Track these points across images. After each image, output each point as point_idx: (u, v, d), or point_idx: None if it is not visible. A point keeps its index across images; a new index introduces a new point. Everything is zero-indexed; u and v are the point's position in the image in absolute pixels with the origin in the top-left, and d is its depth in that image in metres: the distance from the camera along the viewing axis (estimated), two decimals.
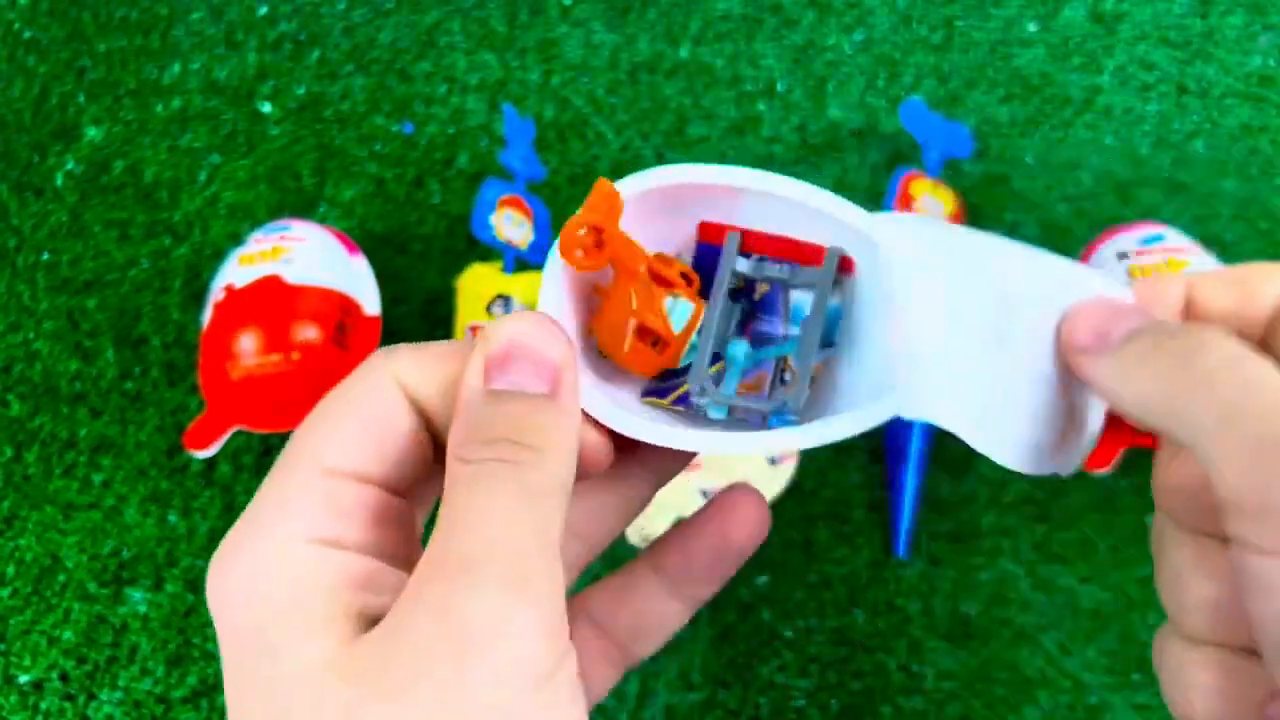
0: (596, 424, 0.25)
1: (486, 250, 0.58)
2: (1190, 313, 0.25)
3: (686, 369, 0.29)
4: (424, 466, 0.24)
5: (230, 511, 0.52)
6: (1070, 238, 0.57)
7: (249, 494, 0.55)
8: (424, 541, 0.22)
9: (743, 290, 0.29)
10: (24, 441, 0.55)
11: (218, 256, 0.59)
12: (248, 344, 0.49)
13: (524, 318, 0.23)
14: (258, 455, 0.54)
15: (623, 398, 0.29)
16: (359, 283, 0.53)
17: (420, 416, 0.24)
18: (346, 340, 0.51)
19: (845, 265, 0.28)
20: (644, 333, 0.28)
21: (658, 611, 0.28)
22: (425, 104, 0.64)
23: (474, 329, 0.52)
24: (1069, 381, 0.25)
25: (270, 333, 0.49)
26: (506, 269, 0.54)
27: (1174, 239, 0.49)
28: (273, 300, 0.50)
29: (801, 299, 0.29)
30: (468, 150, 0.62)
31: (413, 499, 0.24)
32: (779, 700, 0.46)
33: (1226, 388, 0.20)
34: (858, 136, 0.61)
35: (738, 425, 0.28)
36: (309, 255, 0.52)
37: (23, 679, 0.49)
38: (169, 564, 0.51)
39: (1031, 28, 0.64)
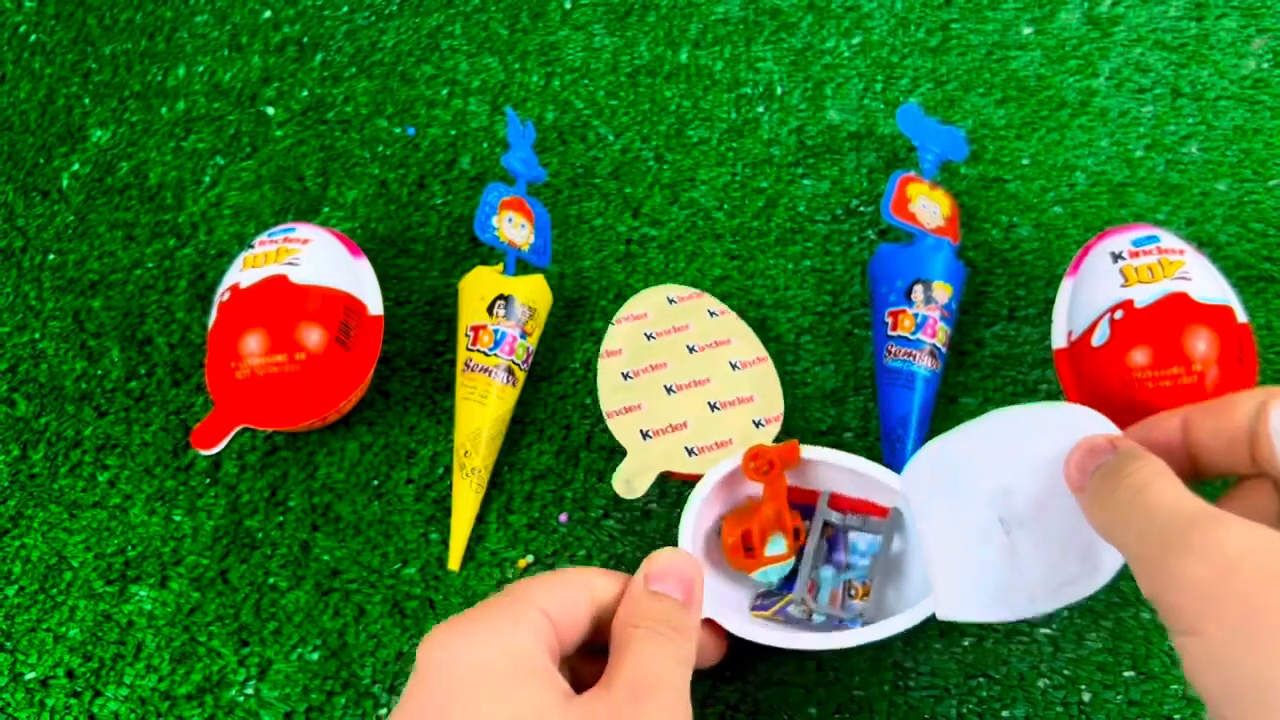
0: (711, 631, 0.42)
1: (488, 252, 0.59)
2: (1186, 437, 0.33)
3: (776, 592, 0.46)
4: (579, 640, 0.37)
5: (235, 510, 0.53)
6: (1065, 239, 0.58)
7: (253, 492, 0.56)
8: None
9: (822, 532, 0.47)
10: (30, 441, 0.56)
11: (222, 258, 0.60)
12: (253, 344, 0.50)
13: (675, 553, 0.39)
14: (262, 454, 0.54)
15: (735, 602, 0.46)
16: (362, 284, 0.54)
17: (591, 618, 0.37)
18: (350, 341, 0.51)
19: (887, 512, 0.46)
20: (747, 537, 0.44)
21: None
22: (427, 107, 0.65)
23: (475, 329, 0.53)
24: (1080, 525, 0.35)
25: (275, 333, 0.50)
26: (508, 270, 0.54)
27: (1168, 240, 0.49)
28: (278, 301, 0.50)
29: (857, 538, 0.46)
30: (469, 153, 0.63)
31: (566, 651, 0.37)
32: (777, 697, 0.47)
33: (1133, 514, 0.28)
34: (856, 140, 0.62)
35: (823, 628, 0.44)
36: (314, 257, 0.53)
37: (29, 676, 0.50)
38: (174, 562, 0.52)
39: (1027, 31, 0.65)
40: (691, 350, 0.52)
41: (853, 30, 0.66)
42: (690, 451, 0.48)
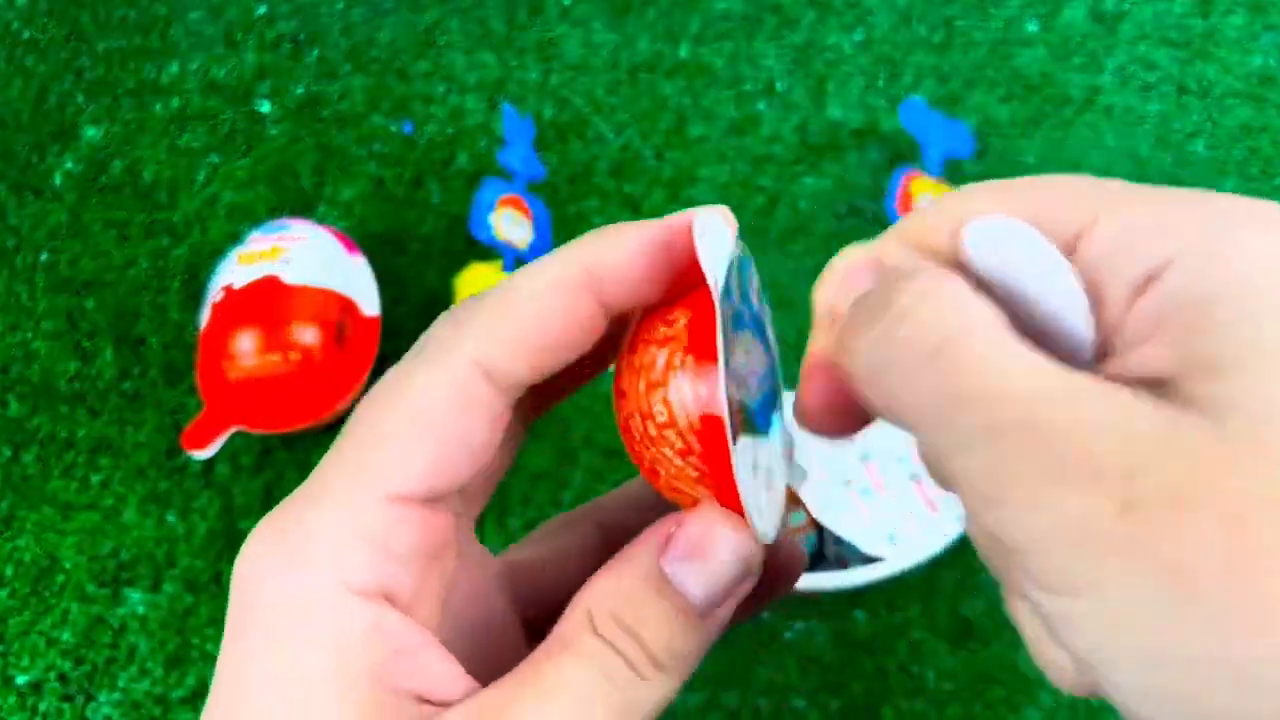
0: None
1: (486, 250, 0.58)
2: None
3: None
4: (487, 464, 0.20)
5: (229, 513, 0.52)
6: None
7: (248, 495, 0.55)
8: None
9: None
10: (22, 442, 0.55)
11: (216, 256, 0.59)
12: (246, 344, 0.49)
13: (726, 521, 0.19)
14: (256, 456, 0.54)
15: None
16: (358, 283, 0.53)
17: (506, 398, 0.19)
18: (345, 341, 0.51)
19: None
20: None
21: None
22: (424, 104, 0.64)
23: None
24: None
25: (268, 333, 0.49)
26: (506, 268, 0.54)
27: None
28: (271, 301, 0.50)
29: None
30: (467, 150, 0.62)
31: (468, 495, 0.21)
32: (779, 701, 0.46)
33: (935, 373, 0.15)
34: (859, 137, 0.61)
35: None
36: (308, 255, 0.52)
37: (21, 680, 0.49)
38: (168, 564, 0.51)
39: (1032, 27, 0.64)
40: None
41: (855, 26, 0.65)
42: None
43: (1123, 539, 0.13)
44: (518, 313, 0.19)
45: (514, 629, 0.23)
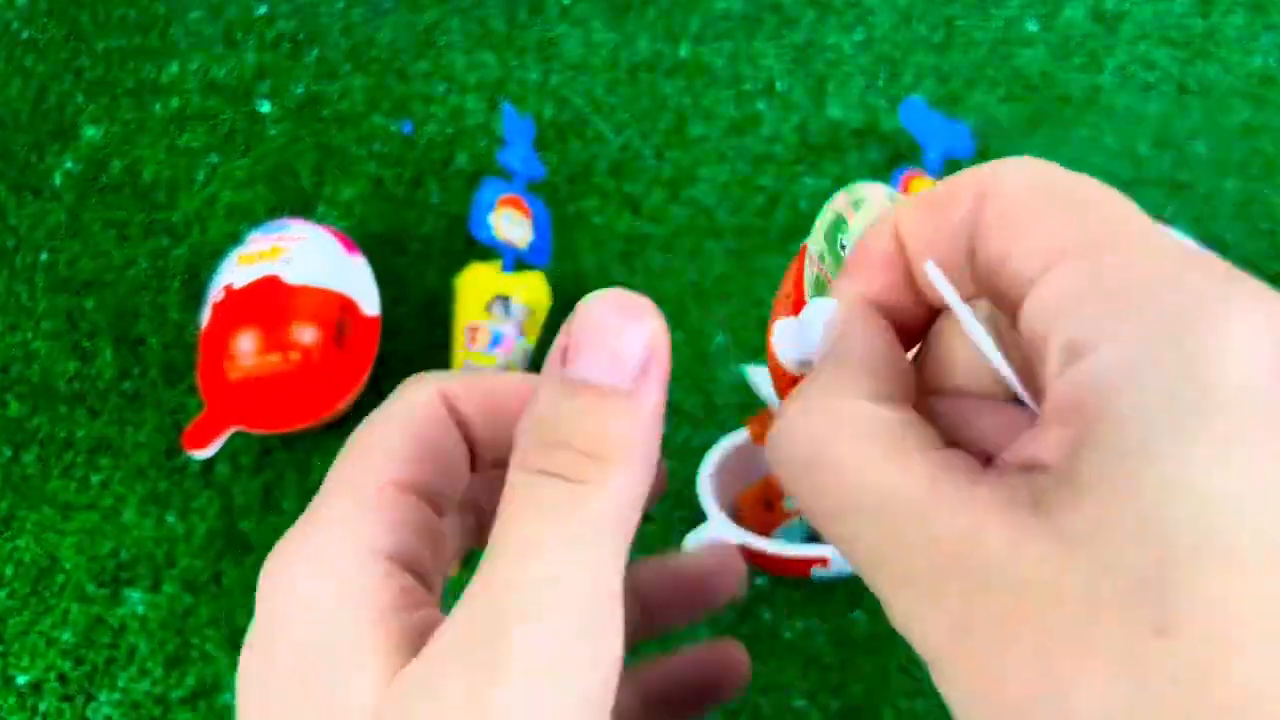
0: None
1: (486, 250, 0.58)
2: (900, 255, 0.19)
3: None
4: (463, 480, 0.23)
5: (229, 513, 0.52)
6: None
7: (248, 495, 0.55)
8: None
9: None
10: (22, 442, 0.55)
11: (216, 256, 0.59)
12: (246, 344, 0.49)
13: (618, 298, 0.19)
14: (256, 456, 0.54)
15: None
16: (358, 282, 0.53)
17: (462, 430, 0.22)
18: (345, 340, 0.51)
19: None
20: (767, 489, 0.48)
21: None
22: (424, 103, 0.64)
23: (472, 329, 0.52)
24: None
25: (269, 333, 0.49)
26: (506, 268, 0.54)
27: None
28: (271, 301, 0.50)
29: None
30: (467, 150, 0.62)
31: (444, 511, 0.23)
32: (779, 701, 0.46)
33: (809, 480, 0.17)
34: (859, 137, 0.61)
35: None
36: (307, 255, 0.52)
37: (21, 680, 0.49)
38: (167, 565, 0.51)
39: (1032, 27, 0.64)
40: None
41: (855, 26, 0.65)
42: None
43: (958, 659, 0.15)
44: (477, 372, 0.23)
45: None
